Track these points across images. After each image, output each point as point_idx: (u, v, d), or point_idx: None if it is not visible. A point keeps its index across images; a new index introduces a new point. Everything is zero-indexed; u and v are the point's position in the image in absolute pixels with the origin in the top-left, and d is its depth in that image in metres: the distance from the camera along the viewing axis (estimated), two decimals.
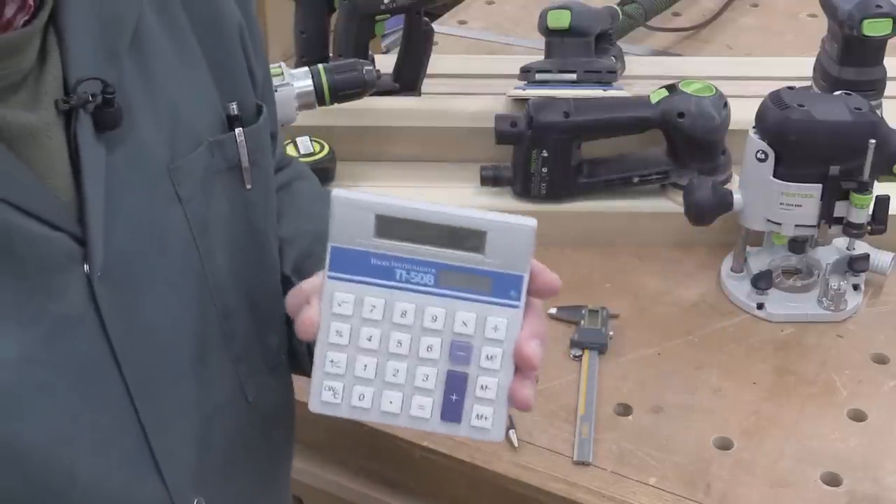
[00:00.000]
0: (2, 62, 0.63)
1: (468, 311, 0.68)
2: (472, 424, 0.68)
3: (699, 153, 1.28)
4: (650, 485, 1.01)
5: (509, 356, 0.68)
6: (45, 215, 0.64)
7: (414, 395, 0.68)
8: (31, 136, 0.64)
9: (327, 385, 0.68)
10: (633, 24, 1.65)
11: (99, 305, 0.67)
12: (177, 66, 0.74)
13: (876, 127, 1.13)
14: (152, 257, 0.71)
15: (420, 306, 0.68)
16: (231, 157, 0.76)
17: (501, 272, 0.67)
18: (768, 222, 1.18)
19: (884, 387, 1.12)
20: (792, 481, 1.02)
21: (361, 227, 0.67)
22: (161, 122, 0.72)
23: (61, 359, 0.66)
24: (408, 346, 0.68)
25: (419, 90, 1.44)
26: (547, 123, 1.27)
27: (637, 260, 1.30)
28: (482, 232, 0.66)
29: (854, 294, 1.22)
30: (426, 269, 0.67)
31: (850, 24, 1.28)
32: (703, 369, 1.14)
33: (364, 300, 0.67)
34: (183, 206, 0.73)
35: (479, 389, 0.68)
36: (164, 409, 0.72)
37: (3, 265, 0.63)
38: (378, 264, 0.67)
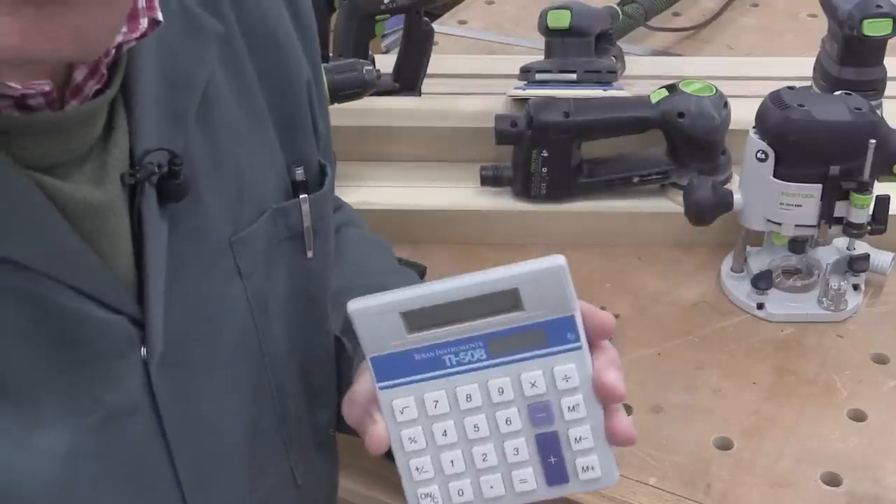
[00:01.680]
0: (70, 135, 0.58)
1: (532, 370, 0.65)
2: (581, 479, 0.66)
3: (699, 153, 1.28)
4: (650, 485, 1.01)
5: (591, 398, 0.65)
6: (107, 298, 0.60)
7: (513, 472, 0.66)
8: (97, 213, 0.60)
9: (422, 493, 0.65)
10: (633, 24, 1.65)
11: (155, 394, 0.63)
12: (243, 126, 0.69)
13: (876, 127, 1.13)
14: (209, 339, 0.67)
15: (482, 383, 0.64)
16: (294, 226, 0.72)
17: (550, 319, 0.64)
18: (768, 222, 1.18)
19: (884, 387, 1.12)
20: (792, 481, 1.02)
21: (391, 329, 0.63)
22: (225, 190, 0.67)
23: (112, 451, 0.62)
24: (486, 427, 0.65)
25: (419, 90, 1.44)
26: (547, 123, 1.27)
27: (637, 260, 1.30)
28: (513, 289, 0.63)
29: (854, 294, 1.22)
30: (474, 345, 0.64)
31: (850, 24, 1.28)
32: (703, 369, 1.14)
33: (425, 398, 0.64)
34: (243, 281, 0.68)
35: (574, 442, 0.66)
36: (215, 502, 0.68)
37: (62, 352, 0.59)
38: (424, 358, 0.64)
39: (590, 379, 0.65)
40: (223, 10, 0.68)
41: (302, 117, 0.74)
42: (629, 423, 0.66)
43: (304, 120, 0.75)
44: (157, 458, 0.64)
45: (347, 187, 1.34)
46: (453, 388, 0.64)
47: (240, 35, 0.70)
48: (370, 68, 1.28)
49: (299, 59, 0.74)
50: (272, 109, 0.72)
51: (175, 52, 0.64)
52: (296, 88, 0.74)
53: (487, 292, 0.63)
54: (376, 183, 1.35)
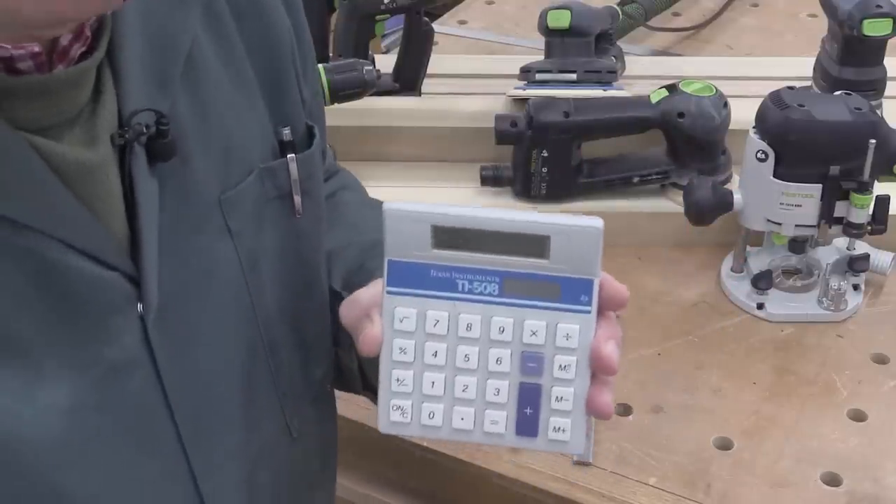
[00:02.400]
0: (60, 97, 0.60)
1: (537, 319, 0.64)
2: (549, 437, 0.66)
3: (699, 153, 1.28)
4: (650, 485, 1.01)
5: (584, 364, 0.65)
6: (103, 255, 0.61)
7: (486, 410, 0.66)
8: (89, 173, 0.61)
9: (395, 404, 0.66)
10: (633, 24, 1.65)
11: (153, 348, 0.64)
12: (229, 88, 0.70)
13: (876, 127, 1.13)
14: (203, 295, 0.68)
15: (486, 317, 0.65)
16: (282, 185, 0.73)
17: (570, 277, 0.64)
18: (768, 222, 1.18)
19: (884, 387, 1.12)
20: (792, 481, 1.02)
21: (418, 239, 0.64)
22: (212, 150, 0.68)
23: (114, 405, 0.63)
24: (476, 360, 0.65)
25: (419, 90, 1.44)
26: (547, 123, 1.27)
27: (637, 260, 1.30)
28: (545, 236, 0.63)
29: (854, 294, 1.22)
30: (490, 279, 0.64)
31: (850, 24, 1.28)
32: (703, 369, 1.14)
33: (427, 314, 0.65)
34: (233, 239, 0.69)
35: (554, 401, 0.65)
36: (214, 454, 0.69)
37: (60, 309, 0.60)
38: (438, 276, 0.64)
39: (589, 345, 0.65)
40: None
41: (287, 81, 0.75)
42: (611, 399, 0.66)
43: (289, 83, 0.75)
44: (156, 411, 0.65)
45: None
46: (457, 313, 0.64)
47: None
48: (370, 68, 1.28)
49: (283, 22, 0.75)
50: (257, 72, 0.73)
51: (158, 15, 0.65)
52: (280, 52, 0.74)
53: (519, 231, 0.63)
54: (376, 183, 1.34)
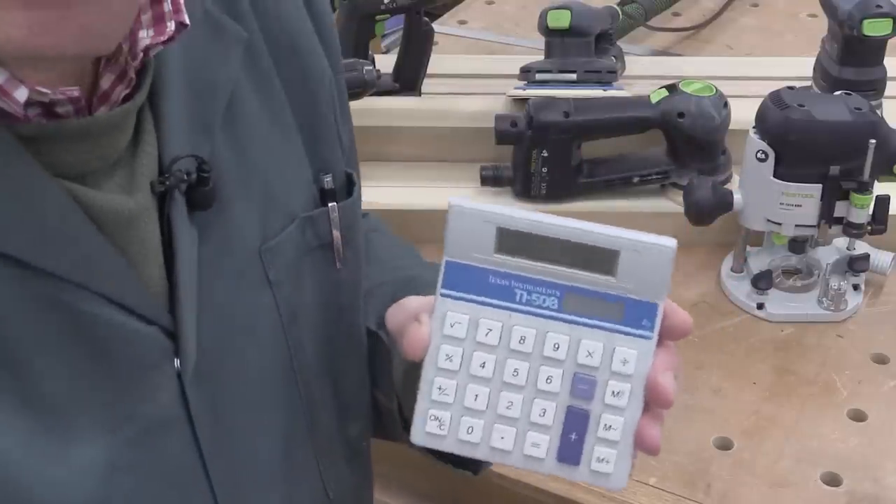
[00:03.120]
0: (100, 141, 0.58)
1: (595, 339, 0.61)
2: (591, 468, 0.62)
3: (699, 153, 1.28)
4: (650, 485, 1.01)
5: (638, 393, 0.61)
6: (139, 309, 0.59)
7: (529, 432, 0.62)
8: (128, 222, 0.59)
9: (433, 414, 0.62)
10: (633, 24, 1.65)
11: (190, 406, 0.62)
12: (269, 134, 0.69)
13: (876, 127, 1.13)
14: (241, 350, 0.66)
15: (541, 332, 0.61)
16: (323, 235, 0.71)
17: (634, 298, 0.61)
18: (768, 222, 1.18)
19: (884, 387, 1.12)
20: (792, 481, 1.02)
21: (481, 240, 0.60)
22: (253, 197, 0.66)
23: (149, 466, 0.61)
24: (525, 377, 0.61)
25: (419, 90, 1.44)
26: (547, 123, 1.27)
27: None
28: (615, 251, 0.60)
29: (854, 294, 1.22)
30: (550, 291, 0.61)
31: (850, 24, 1.28)
32: (703, 369, 1.14)
33: (479, 322, 0.61)
34: (273, 291, 0.67)
35: (601, 429, 0.62)
36: None
37: (96, 365, 0.58)
38: (497, 283, 0.61)
39: (645, 374, 0.61)
40: (246, 17, 0.68)
41: (327, 127, 0.73)
42: (660, 434, 0.63)
43: (329, 129, 0.74)
44: (192, 471, 0.63)
45: None
46: (511, 324, 0.61)
47: (263, 42, 0.69)
48: (370, 68, 1.28)
49: (323, 66, 0.73)
50: (297, 118, 0.71)
51: (200, 58, 0.63)
52: (320, 97, 0.73)
53: (589, 243, 0.60)
54: (376, 183, 1.35)
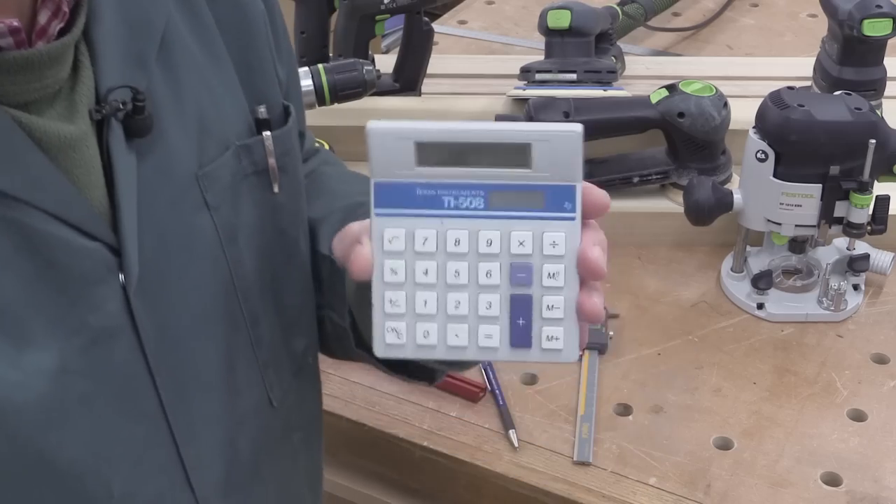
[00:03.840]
0: (42, 72, 0.62)
1: (524, 229, 0.65)
2: (543, 347, 0.66)
3: (699, 153, 1.28)
4: (650, 485, 1.01)
5: (572, 270, 0.65)
6: (85, 226, 0.64)
7: (480, 325, 0.65)
8: (70, 147, 0.64)
9: (389, 327, 0.66)
10: (633, 24, 1.65)
11: (135, 317, 0.66)
12: (204, 68, 0.73)
13: (876, 127, 1.13)
14: (183, 266, 0.70)
15: (473, 231, 0.65)
16: (259, 162, 0.75)
17: (553, 184, 0.64)
18: (768, 222, 1.18)
19: (884, 387, 1.12)
20: (792, 481, 1.02)
21: (402, 157, 0.64)
22: (188, 127, 0.71)
23: (99, 371, 0.65)
24: (466, 275, 0.65)
25: (419, 90, 1.44)
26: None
27: (637, 260, 1.30)
28: (526, 144, 0.63)
29: (854, 294, 1.22)
30: (475, 192, 0.65)
31: (850, 24, 1.28)
32: (703, 369, 1.14)
33: (415, 233, 0.65)
34: (211, 213, 0.72)
35: (545, 310, 0.65)
36: (195, 420, 0.72)
37: (45, 276, 0.62)
38: (424, 194, 0.65)
39: (576, 251, 0.65)
40: None
41: (262, 61, 0.77)
42: (601, 303, 0.66)
43: (264, 63, 0.78)
44: (139, 378, 0.67)
45: None
46: (445, 229, 0.65)
47: None
48: (370, 68, 1.28)
49: (256, 4, 0.77)
50: (231, 52, 0.75)
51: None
52: (253, 33, 0.77)
53: (502, 141, 0.63)
54: None
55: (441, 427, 1.08)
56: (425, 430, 1.08)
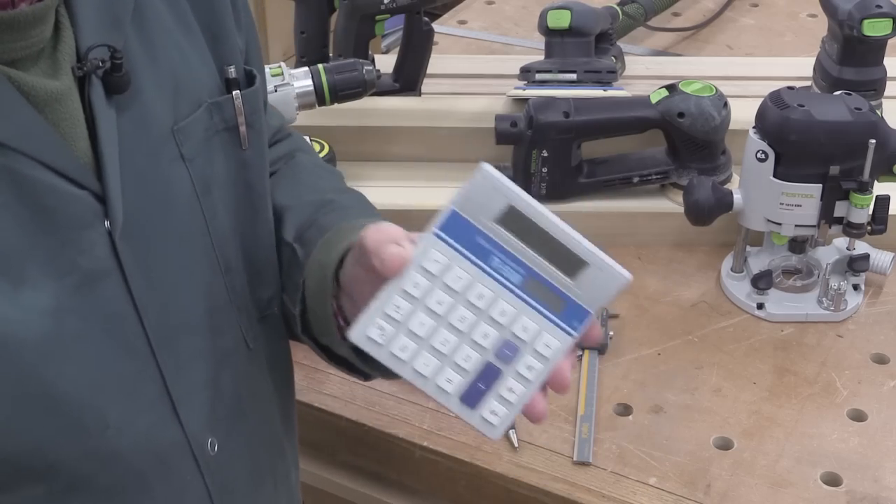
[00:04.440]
0: (27, 32, 0.67)
1: (533, 320, 0.71)
2: (482, 416, 0.71)
3: (699, 153, 1.28)
4: (650, 485, 1.01)
5: (545, 374, 0.71)
6: (73, 174, 0.69)
7: (448, 368, 0.71)
8: (56, 101, 0.69)
9: (379, 324, 0.70)
10: (633, 24, 1.65)
11: (121, 260, 0.71)
12: (175, 31, 0.78)
13: (876, 127, 1.13)
14: (162, 215, 0.75)
15: (497, 296, 0.70)
16: (229, 119, 0.80)
17: (577, 302, 0.71)
18: (768, 222, 1.18)
19: (884, 387, 1.12)
20: (792, 481, 1.02)
21: (490, 207, 0.69)
22: (163, 86, 0.76)
23: (91, 310, 0.70)
24: (467, 325, 0.70)
25: (419, 90, 1.44)
26: (547, 123, 1.27)
27: (637, 260, 1.30)
28: (585, 262, 0.70)
29: (854, 294, 1.22)
30: (519, 269, 0.70)
31: (850, 24, 1.28)
32: (703, 369, 1.14)
33: (453, 268, 0.70)
34: (186, 165, 0.77)
35: (505, 389, 0.71)
36: (181, 357, 0.76)
37: (37, 220, 0.67)
38: (482, 245, 0.70)
39: (556, 362, 0.71)
40: None
41: (227, 29, 0.83)
42: (545, 408, 0.72)
43: (228, 31, 0.83)
44: (129, 319, 0.72)
45: None
46: (477, 281, 0.70)
47: None
48: (370, 68, 1.28)
49: None
50: (198, 20, 0.81)
51: None
52: (216, 3, 0.82)
53: (569, 247, 0.70)
54: (376, 183, 1.35)
55: (441, 427, 1.08)
56: (425, 430, 1.08)
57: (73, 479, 0.70)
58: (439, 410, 1.09)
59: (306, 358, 1.05)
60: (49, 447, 0.69)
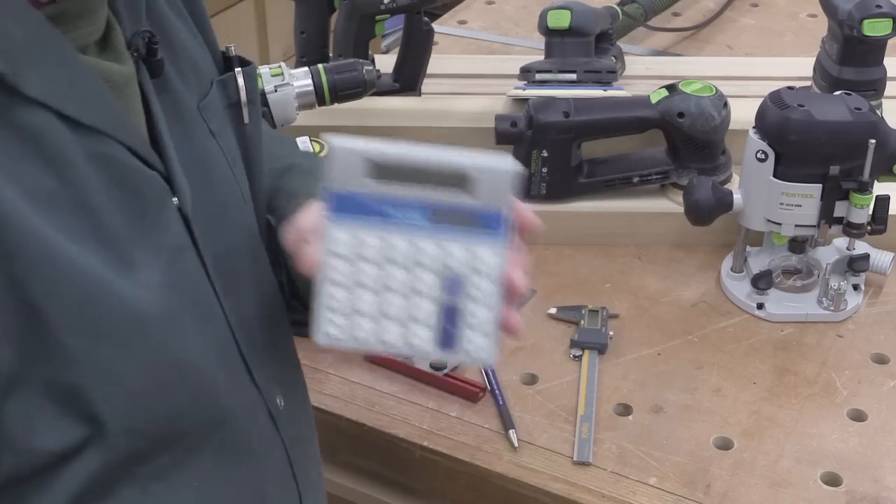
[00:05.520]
0: (94, 17, 0.70)
1: (457, 245, 0.71)
2: (466, 350, 0.72)
3: (699, 153, 1.28)
4: (650, 485, 1.01)
5: (496, 286, 0.71)
6: (147, 157, 0.72)
7: (411, 326, 0.72)
8: (126, 84, 0.73)
9: (329, 318, 0.71)
10: (633, 24, 1.65)
11: (194, 234, 0.74)
12: (176, 20, 0.82)
13: (876, 127, 1.13)
14: (208, 188, 0.78)
15: (413, 242, 0.71)
16: (232, 95, 0.83)
17: (487, 208, 0.71)
18: (768, 222, 1.18)
19: (884, 387, 1.12)
20: (792, 481, 1.02)
21: (357, 171, 0.70)
22: (183, 67, 0.80)
23: (182, 284, 0.73)
24: (403, 281, 0.71)
25: (419, 90, 1.44)
26: (547, 123, 1.27)
27: (637, 260, 1.30)
28: (464, 173, 0.70)
29: (854, 294, 1.22)
30: (415, 208, 0.71)
31: (850, 24, 1.28)
32: (703, 369, 1.14)
33: (361, 239, 0.71)
34: (216, 139, 0.80)
35: (470, 318, 0.71)
36: (243, 320, 0.79)
37: (131, 204, 0.69)
38: (372, 205, 0.71)
39: (500, 270, 0.71)
40: None
41: (205, 18, 0.86)
42: (520, 318, 0.73)
43: (206, 19, 0.87)
44: (205, 287, 0.75)
45: None
46: (388, 238, 0.71)
47: None
48: (370, 68, 1.28)
49: None
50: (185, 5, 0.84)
51: None
52: None
53: (446, 166, 0.70)
54: None
55: (441, 427, 1.08)
56: (425, 430, 1.08)
57: (193, 444, 0.74)
58: (439, 410, 1.09)
59: (306, 358, 1.05)
60: (181, 415, 0.72)
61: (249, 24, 2.73)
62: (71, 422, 0.66)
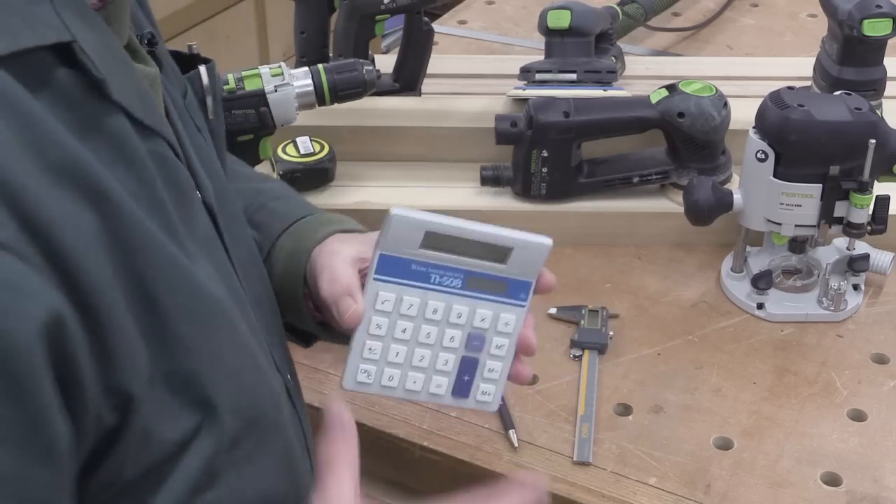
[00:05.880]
0: (125, 20, 0.72)
1: (486, 309, 0.80)
2: (476, 399, 0.82)
3: (699, 153, 1.28)
4: (650, 485, 1.01)
5: (513, 345, 0.81)
6: (180, 154, 0.74)
7: (433, 376, 0.81)
8: (155, 85, 0.75)
9: (363, 368, 0.79)
10: (633, 24, 1.65)
11: (219, 226, 0.77)
12: (146, 21, 0.83)
13: (876, 127, 1.13)
14: (213, 176, 0.80)
15: (448, 305, 0.79)
16: (198, 91, 0.86)
17: (516, 279, 0.79)
18: (768, 222, 1.19)
19: (884, 387, 1.12)
20: (792, 481, 1.02)
21: (410, 239, 0.77)
22: (165, 66, 0.81)
23: (221, 273, 0.75)
24: (434, 337, 0.80)
25: (419, 90, 1.44)
26: (547, 123, 1.27)
27: (637, 260, 1.30)
28: (509, 248, 0.78)
29: (854, 294, 1.22)
30: (456, 275, 0.78)
31: (850, 24, 1.28)
32: (703, 369, 1.14)
33: (403, 299, 0.78)
34: (202, 134, 0.83)
35: (486, 371, 0.81)
36: (264, 309, 0.83)
37: (179, 198, 0.71)
38: (417, 270, 0.78)
39: (518, 332, 0.81)
40: None
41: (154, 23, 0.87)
42: (529, 371, 0.84)
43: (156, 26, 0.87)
44: (233, 276, 0.78)
45: (347, 187, 1.34)
46: (427, 300, 0.79)
47: None
48: (370, 68, 1.28)
49: None
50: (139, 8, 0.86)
51: None
52: None
53: (490, 241, 0.78)
54: (376, 183, 1.35)
55: (441, 427, 1.08)
56: (425, 430, 1.08)
57: (267, 424, 0.76)
58: (439, 410, 1.09)
59: (306, 358, 1.05)
60: (261, 395, 0.75)
61: (249, 24, 2.73)
62: (188, 409, 0.68)
